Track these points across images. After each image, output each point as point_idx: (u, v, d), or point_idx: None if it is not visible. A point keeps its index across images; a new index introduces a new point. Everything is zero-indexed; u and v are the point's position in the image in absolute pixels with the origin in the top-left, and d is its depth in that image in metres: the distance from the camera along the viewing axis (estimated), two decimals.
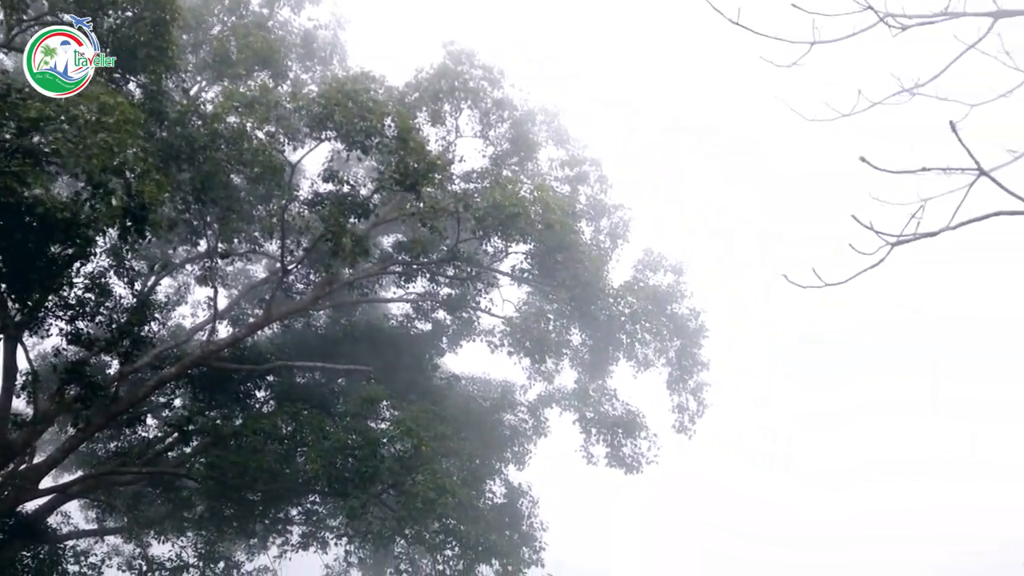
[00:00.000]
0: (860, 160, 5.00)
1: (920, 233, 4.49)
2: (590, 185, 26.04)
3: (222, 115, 17.93)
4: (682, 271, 24.85)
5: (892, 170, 5.06)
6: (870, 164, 4.73)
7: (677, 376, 24.48)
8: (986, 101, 9.88)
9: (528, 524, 23.42)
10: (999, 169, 6.86)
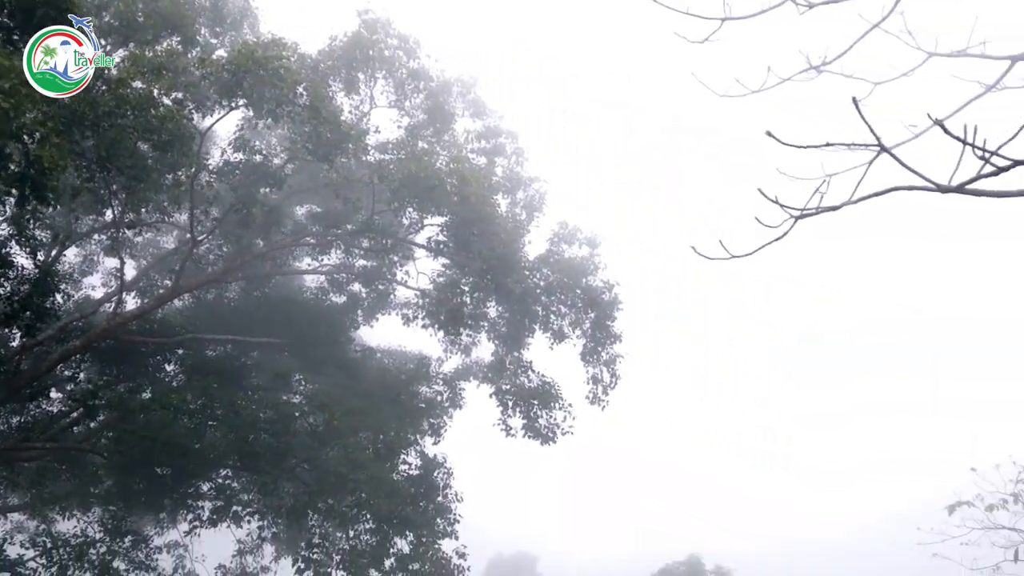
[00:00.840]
0: (767, 135, 5.16)
1: (823, 207, 4.68)
2: (507, 157, 26.16)
3: (128, 80, 17.49)
4: (596, 243, 25.17)
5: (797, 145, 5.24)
6: (776, 139, 4.91)
7: (591, 348, 24.83)
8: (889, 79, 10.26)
9: (443, 496, 23.53)
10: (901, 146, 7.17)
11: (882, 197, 4.98)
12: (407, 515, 21.05)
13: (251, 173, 19.74)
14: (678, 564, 56.97)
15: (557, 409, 24.15)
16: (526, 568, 72.95)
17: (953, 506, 19.27)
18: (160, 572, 22.74)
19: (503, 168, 26.09)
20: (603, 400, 25.45)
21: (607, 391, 25.53)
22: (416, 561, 21.11)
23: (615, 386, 25.37)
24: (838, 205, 4.91)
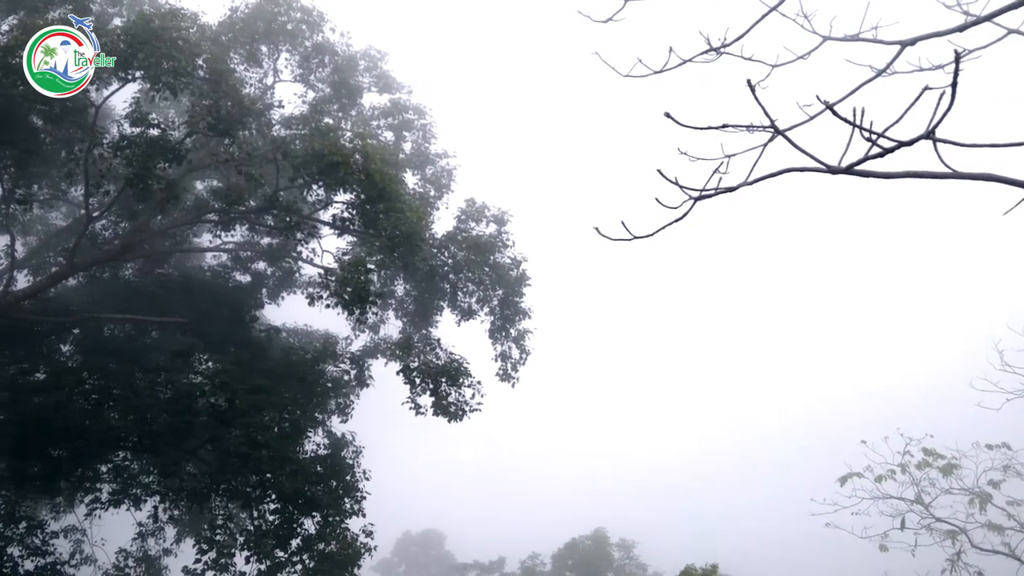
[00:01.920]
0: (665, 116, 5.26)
1: (721, 188, 4.81)
2: (415, 133, 26.04)
3: (16, 49, 16.89)
4: (505, 221, 25.33)
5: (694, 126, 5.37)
6: (674, 120, 5.02)
7: (499, 325, 25.02)
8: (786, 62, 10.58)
9: (351, 474, 23.50)
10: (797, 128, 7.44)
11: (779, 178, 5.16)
12: (313, 494, 20.99)
13: (148, 147, 19.27)
14: (584, 538, 57.86)
15: (466, 386, 24.28)
16: (435, 545, 73.32)
17: (845, 477, 20.16)
18: (57, 557, 22.22)
19: (411, 144, 26.05)
20: (513, 376, 25.70)
21: (516, 367, 25.79)
22: (322, 540, 21.05)
23: (524, 362, 25.65)
24: (735, 186, 5.05)
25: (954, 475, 20.20)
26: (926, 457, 20.47)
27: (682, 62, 9.80)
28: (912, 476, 20.38)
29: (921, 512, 19.96)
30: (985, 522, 19.32)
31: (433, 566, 70.02)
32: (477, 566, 65.75)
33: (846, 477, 20.17)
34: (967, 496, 19.83)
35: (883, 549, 19.89)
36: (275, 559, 20.56)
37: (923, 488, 20.27)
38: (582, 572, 55.97)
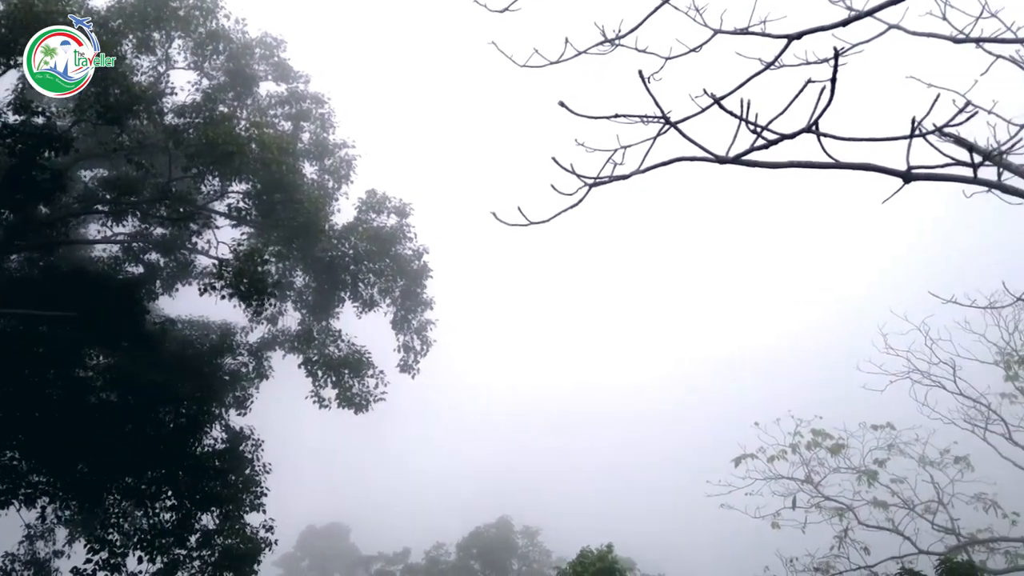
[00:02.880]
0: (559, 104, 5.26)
1: (614, 176, 4.85)
2: (313, 123, 25.61)
3: None
4: (406, 212, 25.18)
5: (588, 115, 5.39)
6: (568, 109, 5.03)
7: (402, 316, 24.90)
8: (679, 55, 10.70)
9: (251, 469, 23.06)
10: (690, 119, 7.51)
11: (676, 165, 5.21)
12: (211, 490, 20.62)
13: (33, 136, 18.49)
14: (488, 526, 58.07)
15: (369, 377, 24.11)
16: (339, 538, 72.58)
17: (739, 458, 20.70)
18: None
19: (309, 134, 25.63)
20: (415, 367, 25.61)
21: (419, 358, 25.70)
22: (222, 536, 20.65)
23: (426, 353, 25.61)
24: (628, 174, 5.10)
25: (842, 455, 20.91)
26: (816, 438, 21.13)
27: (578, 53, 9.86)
28: (802, 456, 21.05)
29: (811, 491, 20.63)
30: (871, 499, 20.05)
31: (337, 559, 69.26)
32: (382, 558, 65.40)
33: (740, 458, 20.75)
34: (854, 475, 20.56)
35: (775, 527, 20.48)
36: (172, 556, 20.11)
37: (813, 468, 20.96)
38: (487, 560, 56.17)
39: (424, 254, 25.39)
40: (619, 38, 10.03)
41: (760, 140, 4.23)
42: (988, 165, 4.74)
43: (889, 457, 20.82)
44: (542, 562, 55.86)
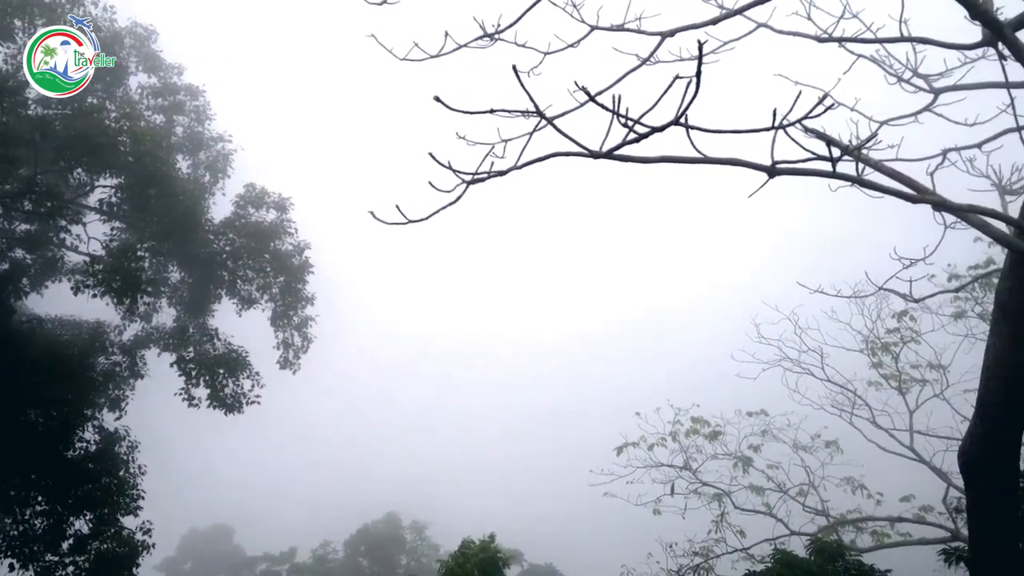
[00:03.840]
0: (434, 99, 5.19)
1: (492, 172, 4.81)
2: (187, 115, 24.83)
3: None
4: (286, 207, 24.71)
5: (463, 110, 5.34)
6: (443, 104, 4.96)
7: (281, 312, 24.41)
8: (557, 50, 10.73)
9: (126, 471, 22.27)
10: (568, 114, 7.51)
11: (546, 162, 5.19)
12: (84, 493, 19.86)
13: None
14: (376, 522, 57.72)
15: (245, 377, 23.54)
16: (223, 540, 71.01)
17: (620, 447, 21.03)
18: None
19: (183, 127, 24.82)
20: (295, 364, 25.19)
21: (299, 355, 25.28)
22: (96, 540, 19.97)
23: (307, 350, 25.21)
24: (505, 170, 5.07)
25: (719, 441, 21.44)
26: (694, 425, 21.61)
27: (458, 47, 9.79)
28: (681, 444, 21.50)
29: (690, 477, 21.09)
30: (747, 484, 20.61)
31: (221, 561, 67.72)
32: (267, 558, 64.41)
33: (622, 447, 21.07)
34: (731, 460, 21.10)
35: (656, 514, 20.86)
36: (44, 563, 19.38)
37: (691, 455, 21.43)
38: (375, 557, 55.90)
39: (306, 249, 25.00)
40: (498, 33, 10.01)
41: (632, 134, 4.26)
42: (848, 160, 4.88)
43: (763, 443, 21.45)
44: (431, 556, 55.90)
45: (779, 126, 4.13)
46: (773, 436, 21.60)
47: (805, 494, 20.47)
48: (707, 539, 20.07)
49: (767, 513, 20.23)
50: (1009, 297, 6.01)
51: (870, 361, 21.14)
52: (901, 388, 20.40)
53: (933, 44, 8.62)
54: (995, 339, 6.18)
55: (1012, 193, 11.72)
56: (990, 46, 7.76)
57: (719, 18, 8.79)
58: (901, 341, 20.71)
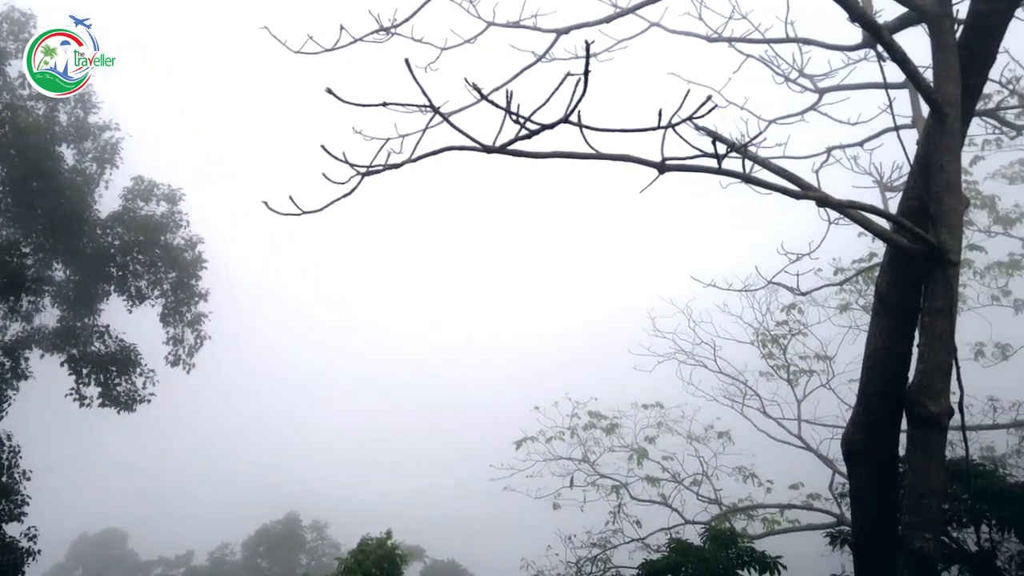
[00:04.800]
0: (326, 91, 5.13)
1: (387, 165, 4.78)
2: (71, 103, 23.88)
3: None
4: (177, 199, 24.07)
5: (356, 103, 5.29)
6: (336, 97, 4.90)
7: (173, 308, 23.78)
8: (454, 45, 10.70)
9: (8, 476, 21.38)
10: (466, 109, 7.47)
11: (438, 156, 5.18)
12: None
13: None
14: (276, 523, 56.93)
15: (137, 375, 22.90)
16: (116, 545, 68.87)
17: (520, 442, 21.16)
18: None
19: (67, 115, 23.85)
20: (188, 362, 24.59)
21: (193, 352, 24.69)
22: None
23: (200, 346, 24.62)
24: (400, 163, 5.05)
25: (616, 434, 21.76)
26: (592, 419, 21.89)
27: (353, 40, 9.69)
28: (579, 437, 21.73)
29: (588, 470, 21.34)
30: (644, 475, 20.95)
31: (114, 567, 65.68)
32: (162, 562, 62.92)
33: (521, 442, 21.20)
34: (627, 453, 21.41)
35: (556, 507, 21.09)
36: None
37: (589, 448, 21.68)
38: (275, 557, 55.14)
39: (199, 243, 24.41)
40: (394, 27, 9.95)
41: (524, 131, 4.28)
42: (736, 157, 5.00)
43: (659, 434, 21.82)
44: (331, 555, 55.34)
45: (668, 124, 4.20)
46: (668, 428, 21.99)
47: (699, 484, 20.89)
48: (605, 530, 20.34)
49: (663, 503, 20.60)
50: (888, 290, 6.24)
51: (760, 353, 21.70)
52: (790, 379, 21.00)
53: (817, 45, 8.91)
54: (875, 330, 6.41)
55: (892, 190, 12.17)
56: (870, 48, 8.06)
57: (612, 16, 8.92)
58: (790, 333, 21.32)
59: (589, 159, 4.54)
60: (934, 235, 5.52)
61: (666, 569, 9.68)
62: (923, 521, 5.34)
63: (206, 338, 24.66)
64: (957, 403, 5.80)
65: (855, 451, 6.61)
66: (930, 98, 5.64)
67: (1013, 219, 19.16)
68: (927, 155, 5.87)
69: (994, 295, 19.70)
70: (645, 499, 20.73)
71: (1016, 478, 7.92)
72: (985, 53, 5.99)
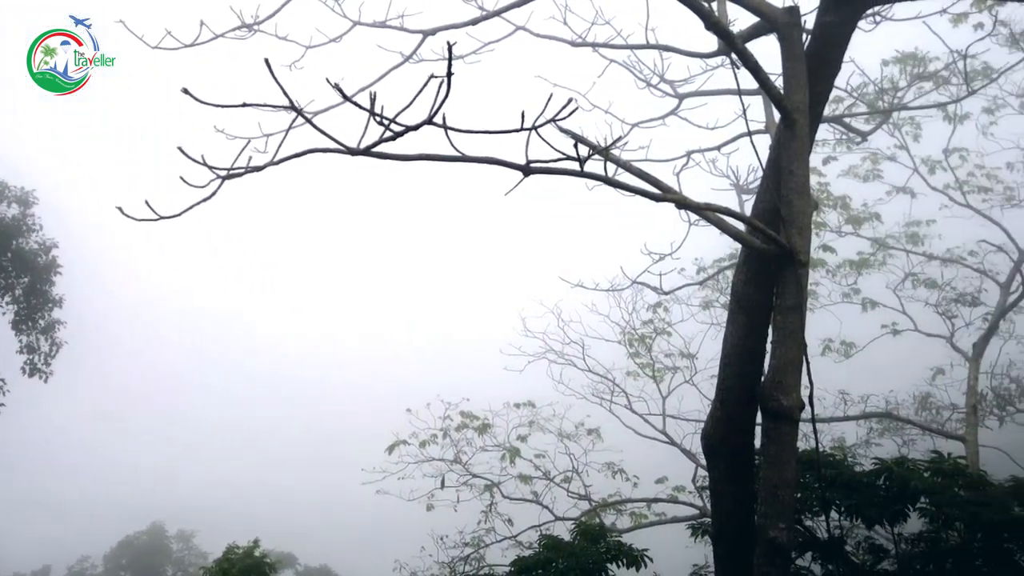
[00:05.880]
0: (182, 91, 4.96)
1: (249, 167, 4.66)
2: None
3: None
4: (29, 202, 22.91)
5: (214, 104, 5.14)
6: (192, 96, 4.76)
7: (25, 315, 22.70)
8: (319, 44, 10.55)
9: None
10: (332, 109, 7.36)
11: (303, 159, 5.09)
12: None
13: None
14: (140, 534, 55.15)
15: None
16: None
17: (392, 445, 20.99)
18: None
19: None
20: (44, 370, 23.51)
21: (48, 360, 23.62)
22: None
23: (55, 354, 23.57)
24: (262, 166, 4.96)
25: (488, 433, 21.84)
26: (464, 419, 21.89)
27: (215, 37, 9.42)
28: (452, 438, 21.70)
29: (460, 471, 21.33)
30: (516, 474, 21.10)
31: None
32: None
33: (393, 445, 21.02)
34: (500, 452, 21.51)
35: (429, 509, 21.03)
36: None
37: (461, 448, 21.66)
38: (138, 569, 53.36)
39: (53, 248, 23.35)
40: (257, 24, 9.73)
41: (388, 133, 4.27)
42: (599, 160, 5.09)
43: (530, 433, 21.99)
44: (199, 564, 53.86)
45: (532, 126, 4.25)
46: (540, 426, 22.18)
47: (570, 480, 21.15)
48: (478, 529, 20.39)
49: (534, 501, 20.77)
50: (743, 289, 6.48)
51: (627, 351, 22.15)
52: (655, 376, 21.51)
53: (676, 52, 9.18)
54: (731, 328, 6.64)
55: (748, 192, 12.65)
56: (725, 55, 8.35)
57: (479, 19, 8.97)
58: (655, 332, 21.84)
59: (455, 161, 4.55)
60: (785, 236, 5.76)
61: (537, 565, 9.77)
62: (777, 511, 5.56)
63: (62, 344, 23.64)
64: (808, 397, 6.07)
65: (714, 445, 6.84)
66: (780, 105, 5.88)
67: (862, 219, 20.13)
68: (778, 159, 6.12)
69: (845, 292, 20.69)
70: (517, 497, 20.87)
71: (864, 467, 8.33)
72: (831, 62, 6.30)
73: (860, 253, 20.46)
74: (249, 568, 13.50)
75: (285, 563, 39.75)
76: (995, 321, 18.83)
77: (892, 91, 15.16)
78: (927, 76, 15.71)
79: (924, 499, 7.21)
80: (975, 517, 6.69)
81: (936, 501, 7.03)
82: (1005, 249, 19.26)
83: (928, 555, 7.41)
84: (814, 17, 6.29)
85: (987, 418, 20.22)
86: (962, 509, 6.78)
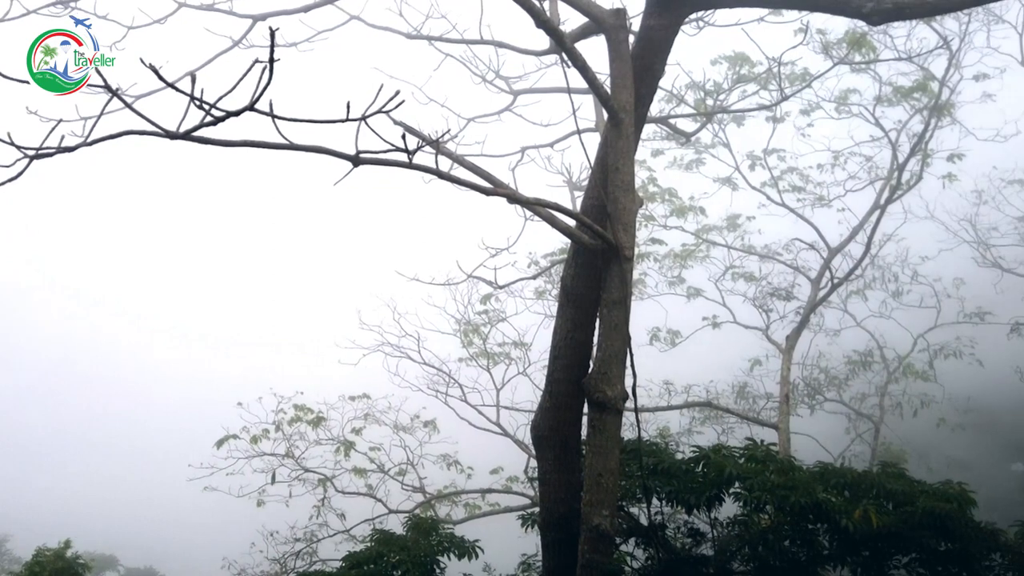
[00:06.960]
0: None
1: (60, 148, 4.37)
2: None
3: None
4: None
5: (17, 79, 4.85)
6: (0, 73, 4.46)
7: None
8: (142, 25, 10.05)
9: None
10: (156, 93, 6.97)
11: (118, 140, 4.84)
12: None
13: None
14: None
15: None
16: None
17: (222, 440, 20.36)
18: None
19: None
20: None
21: None
22: None
23: None
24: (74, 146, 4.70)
25: (322, 427, 21.49)
26: (298, 413, 21.46)
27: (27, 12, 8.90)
28: (284, 432, 21.24)
29: (292, 465, 20.90)
30: (351, 468, 20.86)
31: None
32: None
33: (223, 440, 20.37)
34: (334, 445, 21.21)
35: (260, 504, 20.55)
36: None
37: (294, 443, 21.23)
38: None
39: None
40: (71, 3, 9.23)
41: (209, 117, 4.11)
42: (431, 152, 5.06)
43: (365, 426, 21.78)
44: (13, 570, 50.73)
45: (362, 117, 4.18)
46: (375, 419, 22.00)
47: (404, 473, 21.09)
48: (310, 524, 20.09)
49: (369, 494, 20.61)
50: (572, 283, 6.60)
51: (462, 341, 22.24)
52: (489, 367, 21.68)
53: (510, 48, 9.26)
54: (560, 321, 6.76)
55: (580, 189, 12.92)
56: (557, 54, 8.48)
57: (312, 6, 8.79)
58: (489, 323, 22.00)
59: (281, 149, 4.42)
60: (611, 232, 5.90)
61: (368, 559, 9.68)
62: (601, 499, 5.71)
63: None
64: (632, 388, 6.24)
65: (543, 435, 6.95)
66: (607, 104, 6.02)
67: (687, 210, 20.79)
68: (605, 157, 6.27)
69: (671, 282, 21.42)
70: (352, 491, 20.66)
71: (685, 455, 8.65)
72: (655, 65, 6.49)
73: (684, 245, 21.21)
74: (60, 571, 12.85)
75: (105, 565, 38.03)
76: (806, 315, 19.93)
77: (715, 93, 15.75)
78: (749, 78, 16.40)
79: (739, 484, 7.51)
80: (783, 500, 7.01)
81: (749, 486, 7.33)
82: (816, 247, 20.42)
83: (741, 537, 7.75)
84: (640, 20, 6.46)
85: (798, 407, 21.46)
86: (772, 493, 7.09)
